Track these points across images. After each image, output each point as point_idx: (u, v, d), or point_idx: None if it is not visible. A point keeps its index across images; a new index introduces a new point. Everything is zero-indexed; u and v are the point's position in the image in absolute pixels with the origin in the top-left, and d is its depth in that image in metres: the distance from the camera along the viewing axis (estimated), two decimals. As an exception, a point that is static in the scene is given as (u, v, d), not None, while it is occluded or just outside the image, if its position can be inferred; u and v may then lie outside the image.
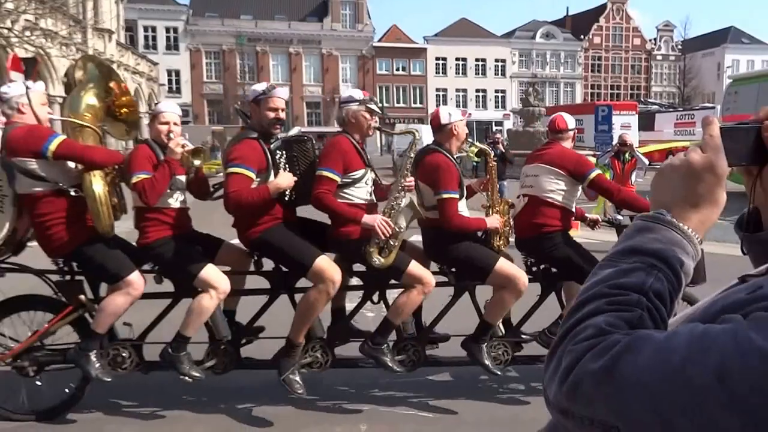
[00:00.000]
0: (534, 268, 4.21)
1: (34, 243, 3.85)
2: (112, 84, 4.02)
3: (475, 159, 16.22)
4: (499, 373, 4.01)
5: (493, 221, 3.93)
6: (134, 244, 3.85)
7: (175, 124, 3.84)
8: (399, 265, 3.73)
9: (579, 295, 0.78)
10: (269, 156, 3.76)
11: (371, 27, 54.53)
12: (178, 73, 50.78)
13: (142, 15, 48.86)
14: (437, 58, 55.64)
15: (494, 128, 45.52)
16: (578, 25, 59.98)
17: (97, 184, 3.64)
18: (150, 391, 4.18)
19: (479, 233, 3.99)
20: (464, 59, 56.22)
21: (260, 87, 3.86)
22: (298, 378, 3.80)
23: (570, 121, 4.33)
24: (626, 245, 0.81)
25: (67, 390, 3.87)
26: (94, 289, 3.92)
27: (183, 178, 3.87)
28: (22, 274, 3.88)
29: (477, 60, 56.48)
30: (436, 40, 55.97)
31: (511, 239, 4.17)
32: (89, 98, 3.93)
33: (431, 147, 4.03)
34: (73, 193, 3.64)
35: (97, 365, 3.71)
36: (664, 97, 57.13)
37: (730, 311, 0.70)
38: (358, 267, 3.94)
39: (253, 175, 3.65)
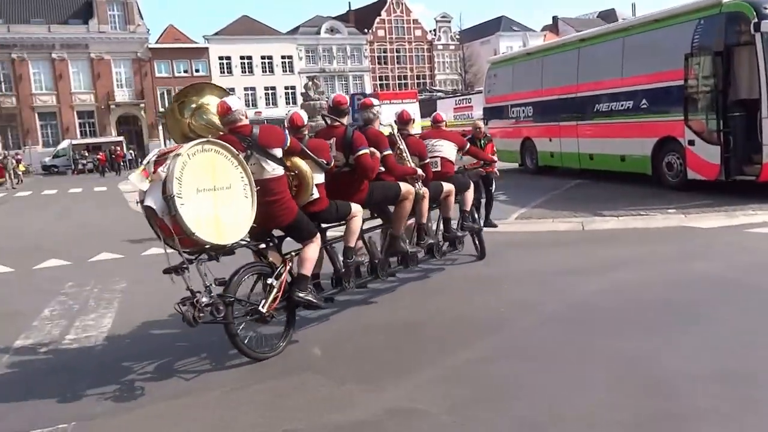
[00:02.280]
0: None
1: None
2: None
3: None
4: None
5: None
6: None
7: None
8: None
9: None
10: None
11: (144, 28, 51.50)
12: None
13: None
14: (221, 58, 53.91)
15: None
16: (361, 19, 61.27)
17: (306, 166, 4.76)
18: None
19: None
20: (249, 57, 55.02)
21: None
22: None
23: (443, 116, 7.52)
24: None
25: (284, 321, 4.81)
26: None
27: None
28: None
29: (263, 58, 55.56)
30: (217, 39, 54.19)
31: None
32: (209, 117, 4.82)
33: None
34: (290, 174, 4.71)
35: (316, 297, 4.83)
36: (447, 83, 59.88)
37: None
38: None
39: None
